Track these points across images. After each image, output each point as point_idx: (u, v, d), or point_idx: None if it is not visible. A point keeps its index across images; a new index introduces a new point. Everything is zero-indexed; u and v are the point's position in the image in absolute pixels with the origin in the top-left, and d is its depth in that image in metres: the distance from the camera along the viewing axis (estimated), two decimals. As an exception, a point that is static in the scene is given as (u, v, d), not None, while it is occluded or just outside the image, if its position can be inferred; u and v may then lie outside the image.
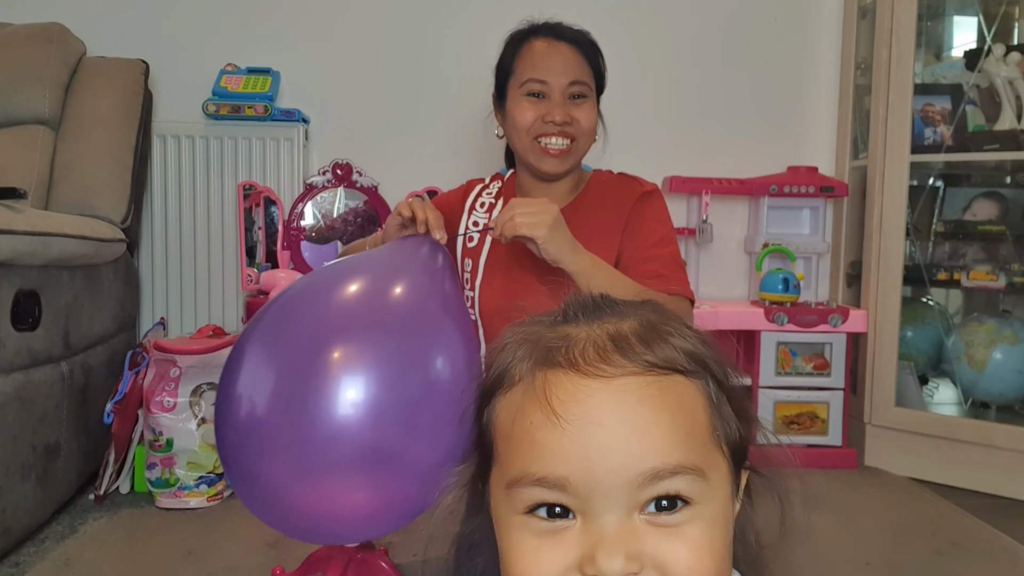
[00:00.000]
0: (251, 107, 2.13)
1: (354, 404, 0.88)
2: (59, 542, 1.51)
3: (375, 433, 0.89)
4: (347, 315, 0.95)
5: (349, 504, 0.91)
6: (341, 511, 0.92)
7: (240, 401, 0.94)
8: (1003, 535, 1.63)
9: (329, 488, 0.90)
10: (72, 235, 1.56)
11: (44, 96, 1.94)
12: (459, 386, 0.92)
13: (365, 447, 0.88)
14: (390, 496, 0.92)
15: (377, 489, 0.91)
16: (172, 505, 1.70)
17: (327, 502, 0.91)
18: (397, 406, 0.90)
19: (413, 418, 0.91)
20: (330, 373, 0.89)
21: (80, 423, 1.67)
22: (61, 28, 2.02)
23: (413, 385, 0.92)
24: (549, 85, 1.23)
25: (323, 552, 1.26)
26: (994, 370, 1.98)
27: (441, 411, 0.90)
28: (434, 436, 0.90)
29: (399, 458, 0.90)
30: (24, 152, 1.89)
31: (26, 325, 1.46)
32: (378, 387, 0.89)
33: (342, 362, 0.90)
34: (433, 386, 0.93)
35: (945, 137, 2.05)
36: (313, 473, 0.89)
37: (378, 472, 0.90)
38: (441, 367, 0.95)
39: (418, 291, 1.01)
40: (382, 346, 0.92)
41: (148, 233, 2.20)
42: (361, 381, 0.89)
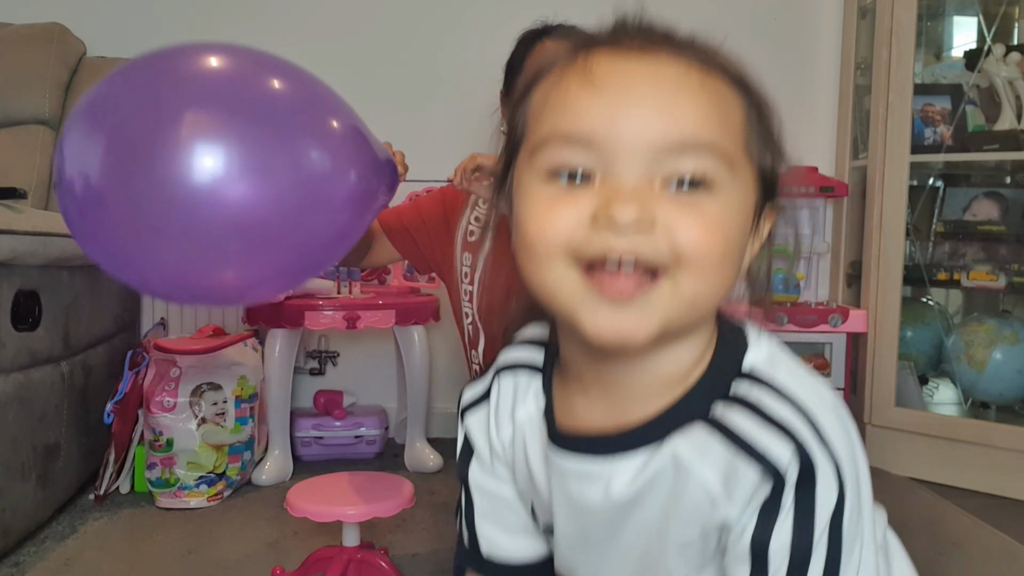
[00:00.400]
0: (251, 107, 2.13)
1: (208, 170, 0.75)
2: (59, 542, 1.52)
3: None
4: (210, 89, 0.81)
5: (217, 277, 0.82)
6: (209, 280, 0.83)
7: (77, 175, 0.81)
8: (1003, 535, 1.63)
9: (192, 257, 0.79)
10: (72, 235, 1.56)
11: (44, 96, 1.94)
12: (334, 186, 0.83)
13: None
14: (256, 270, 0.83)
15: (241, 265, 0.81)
16: (172, 505, 1.70)
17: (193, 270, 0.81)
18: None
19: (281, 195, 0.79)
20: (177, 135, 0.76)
21: (80, 423, 1.67)
22: (61, 28, 2.02)
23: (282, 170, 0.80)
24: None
25: (323, 552, 1.26)
26: (994, 370, 1.98)
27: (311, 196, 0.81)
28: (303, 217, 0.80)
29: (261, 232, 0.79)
30: (24, 152, 1.90)
31: (26, 325, 1.46)
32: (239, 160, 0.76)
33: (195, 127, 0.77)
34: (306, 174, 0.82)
35: (945, 137, 2.05)
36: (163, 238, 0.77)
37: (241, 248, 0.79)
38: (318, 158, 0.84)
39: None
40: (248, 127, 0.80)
41: (148, 233, 2.19)
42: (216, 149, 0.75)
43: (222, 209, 0.76)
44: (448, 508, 1.68)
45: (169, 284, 0.84)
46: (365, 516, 1.19)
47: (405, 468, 1.97)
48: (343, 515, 1.19)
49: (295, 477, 1.87)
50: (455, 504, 0.75)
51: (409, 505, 1.23)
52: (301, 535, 1.54)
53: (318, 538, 1.49)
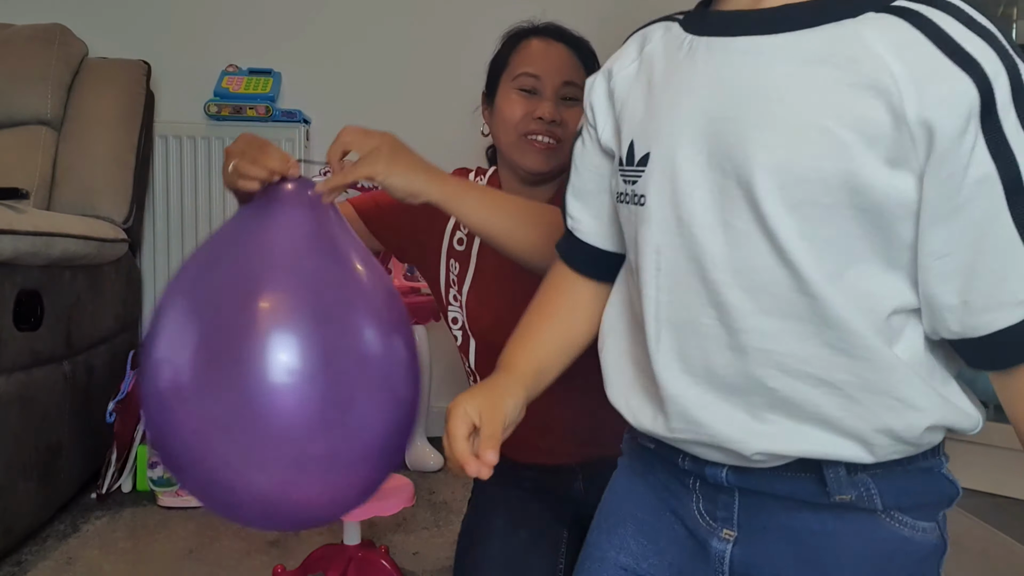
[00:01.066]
0: (252, 108, 2.14)
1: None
2: (61, 541, 1.52)
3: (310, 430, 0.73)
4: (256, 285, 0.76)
5: (295, 497, 0.78)
6: (288, 501, 0.78)
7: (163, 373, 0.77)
8: (1003, 535, 1.63)
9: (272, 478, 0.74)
10: (74, 235, 1.57)
11: (46, 97, 1.95)
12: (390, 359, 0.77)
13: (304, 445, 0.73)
14: (334, 489, 0.81)
15: (319, 483, 0.77)
16: (174, 504, 1.71)
17: (272, 491, 0.76)
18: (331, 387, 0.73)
19: (349, 398, 0.74)
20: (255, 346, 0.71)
21: (82, 422, 1.68)
22: (63, 29, 2.03)
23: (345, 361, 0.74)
24: (542, 81, 1.17)
25: (323, 551, 1.27)
26: (993, 370, 1.98)
27: (376, 383, 0.75)
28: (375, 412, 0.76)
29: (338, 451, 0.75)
30: (26, 153, 1.90)
31: (28, 325, 1.46)
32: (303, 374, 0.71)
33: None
34: (365, 359, 0.76)
35: (945, 137, 2.05)
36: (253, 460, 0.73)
37: (318, 467, 0.75)
38: (371, 337, 0.77)
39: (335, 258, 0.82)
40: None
41: (150, 233, 2.20)
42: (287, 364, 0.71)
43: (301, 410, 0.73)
44: (448, 507, 1.68)
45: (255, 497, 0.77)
46: (365, 515, 1.20)
47: (405, 467, 1.97)
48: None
49: (296, 476, 1.87)
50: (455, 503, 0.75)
51: (409, 504, 1.23)
52: (302, 534, 1.55)
53: (319, 537, 1.50)
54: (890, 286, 0.54)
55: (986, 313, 0.51)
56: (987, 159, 0.49)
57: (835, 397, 0.56)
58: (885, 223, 0.52)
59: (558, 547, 1.07)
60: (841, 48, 0.52)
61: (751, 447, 0.58)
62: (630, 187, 0.62)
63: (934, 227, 0.51)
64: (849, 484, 0.59)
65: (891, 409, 0.55)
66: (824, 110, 0.52)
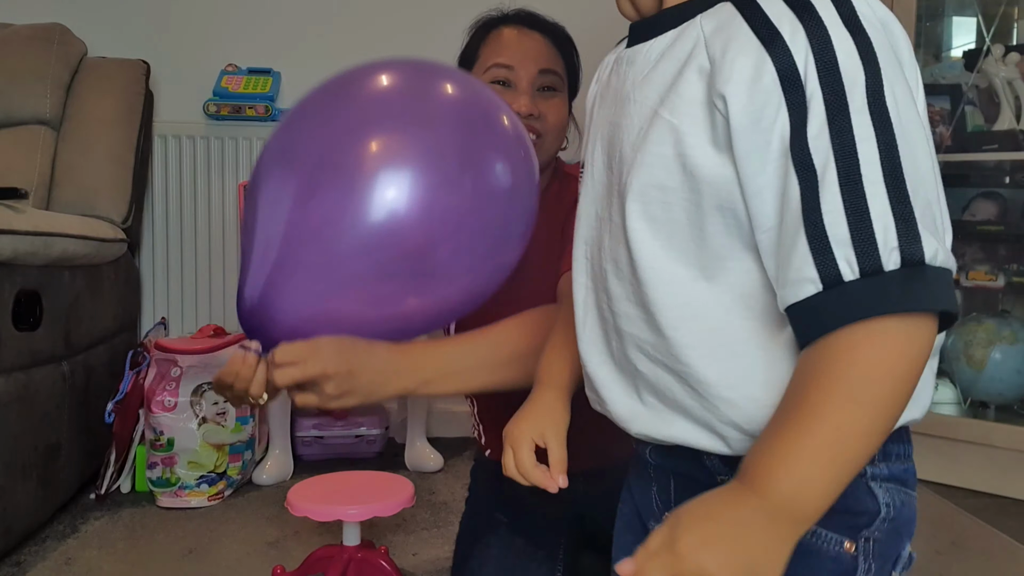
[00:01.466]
0: (252, 107, 2.14)
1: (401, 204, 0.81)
2: (60, 541, 1.52)
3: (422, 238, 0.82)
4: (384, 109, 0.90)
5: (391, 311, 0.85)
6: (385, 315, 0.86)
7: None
8: (1003, 535, 1.63)
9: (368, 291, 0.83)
10: (73, 235, 1.57)
11: (45, 96, 1.94)
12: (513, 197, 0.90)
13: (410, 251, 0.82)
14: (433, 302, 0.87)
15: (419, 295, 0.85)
16: (173, 504, 1.71)
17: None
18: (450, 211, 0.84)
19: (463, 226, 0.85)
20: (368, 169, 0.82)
21: (81, 423, 1.68)
22: (62, 28, 2.02)
23: (467, 187, 0.85)
24: (516, 72, 1.07)
25: (323, 552, 1.27)
26: (993, 370, 1.98)
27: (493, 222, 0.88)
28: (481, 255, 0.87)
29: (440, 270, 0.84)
30: (25, 152, 1.90)
31: (27, 325, 1.46)
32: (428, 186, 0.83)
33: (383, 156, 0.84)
34: (491, 193, 0.88)
35: (944, 137, 2.05)
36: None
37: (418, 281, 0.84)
38: (500, 171, 0.90)
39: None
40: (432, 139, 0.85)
41: (149, 233, 2.20)
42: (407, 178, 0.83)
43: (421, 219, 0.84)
44: (448, 507, 1.68)
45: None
46: (365, 515, 1.19)
47: (405, 468, 1.97)
48: (343, 514, 1.19)
49: (296, 477, 1.88)
50: (455, 504, 0.76)
51: (409, 505, 1.23)
52: (302, 534, 1.55)
53: (318, 537, 1.49)
54: (734, 270, 0.55)
55: (784, 287, 0.51)
56: (786, 132, 0.50)
57: (682, 385, 0.58)
58: (722, 204, 0.54)
59: (556, 551, 1.07)
60: (682, 42, 0.56)
61: (633, 427, 0.63)
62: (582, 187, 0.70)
63: (751, 202, 0.52)
64: (727, 467, 0.58)
65: (719, 400, 0.56)
66: (661, 101, 0.56)
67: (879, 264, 0.47)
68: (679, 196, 0.55)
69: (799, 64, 0.49)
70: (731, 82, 0.51)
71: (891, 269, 0.47)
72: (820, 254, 0.48)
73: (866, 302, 0.47)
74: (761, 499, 0.48)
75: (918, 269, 0.48)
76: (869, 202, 0.48)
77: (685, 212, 0.55)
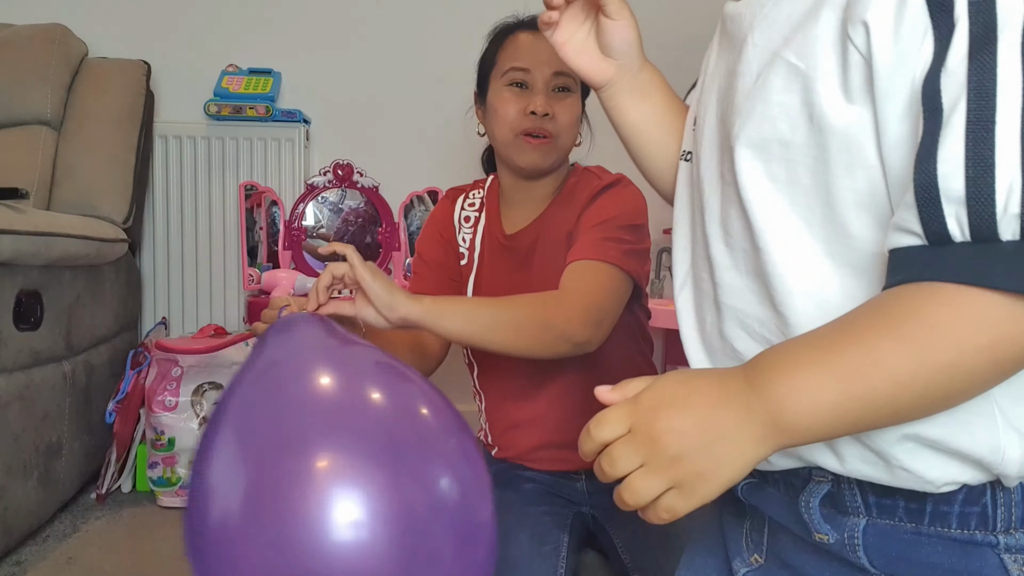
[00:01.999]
0: (252, 108, 2.14)
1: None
2: (61, 541, 1.52)
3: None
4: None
5: None
6: None
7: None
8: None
9: None
10: (74, 235, 1.57)
11: (46, 97, 1.95)
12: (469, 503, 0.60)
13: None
14: None
15: None
16: (174, 504, 1.71)
17: None
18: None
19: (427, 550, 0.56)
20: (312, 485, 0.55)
21: (82, 422, 1.68)
22: (63, 29, 2.03)
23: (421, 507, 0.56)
24: (532, 74, 1.16)
25: (324, 551, 1.26)
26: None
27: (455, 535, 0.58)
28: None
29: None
30: (26, 153, 1.90)
31: (28, 325, 1.46)
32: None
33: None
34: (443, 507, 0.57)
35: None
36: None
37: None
38: (447, 484, 0.58)
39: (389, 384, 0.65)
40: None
41: (150, 233, 2.20)
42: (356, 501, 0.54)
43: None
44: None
45: None
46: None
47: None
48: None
49: (296, 476, 1.87)
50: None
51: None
52: (302, 534, 1.55)
53: (319, 537, 1.50)
54: (864, 241, 0.47)
55: (890, 233, 0.44)
56: (928, 64, 0.43)
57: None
58: (851, 160, 0.46)
59: (559, 551, 1.07)
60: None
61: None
62: (692, 145, 0.63)
63: (888, 157, 0.45)
64: (827, 522, 0.50)
65: None
66: (786, 42, 0.49)
67: (994, 230, 0.39)
68: (804, 153, 0.48)
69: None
70: (872, 7, 0.43)
71: (1008, 239, 0.39)
72: (927, 207, 0.41)
73: (971, 270, 0.40)
74: (751, 388, 0.43)
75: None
76: (997, 155, 0.39)
77: (811, 172, 0.48)
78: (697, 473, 0.43)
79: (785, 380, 0.43)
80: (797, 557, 0.53)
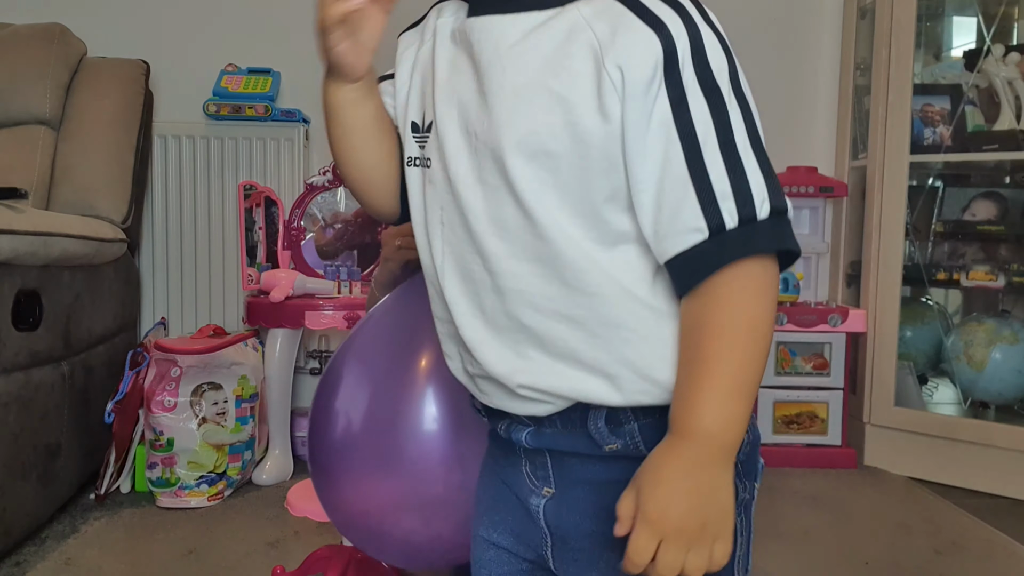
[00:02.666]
0: (252, 107, 2.14)
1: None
2: (60, 542, 1.52)
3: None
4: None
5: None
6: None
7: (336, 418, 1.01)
8: (1003, 535, 1.63)
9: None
10: (73, 235, 1.57)
11: (45, 96, 1.94)
12: None
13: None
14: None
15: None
16: (173, 504, 1.71)
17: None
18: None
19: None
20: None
21: (81, 423, 1.68)
22: (62, 28, 2.02)
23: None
24: None
25: (323, 552, 1.26)
26: (993, 370, 1.98)
27: None
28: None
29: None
30: (25, 152, 1.90)
31: (27, 325, 1.46)
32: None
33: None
34: None
35: (944, 137, 2.05)
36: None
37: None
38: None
39: None
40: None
41: (149, 233, 2.20)
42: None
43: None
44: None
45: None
46: (365, 515, 1.19)
47: (405, 468, 1.97)
48: (343, 515, 1.19)
49: (295, 477, 1.87)
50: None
51: (409, 505, 1.23)
52: (302, 535, 1.55)
53: (318, 538, 1.49)
54: (615, 224, 0.62)
55: (667, 239, 0.59)
56: (667, 106, 0.58)
57: (578, 331, 0.62)
58: (608, 166, 0.60)
59: None
60: (560, 21, 0.61)
61: (515, 380, 0.65)
62: (421, 151, 0.70)
63: (632, 165, 0.59)
64: (613, 434, 0.64)
65: (626, 341, 0.62)
66: (545, 71, 0.60)
67: (754, 213, 0.57)
68: (567, 161, 0.60)
69: (679, 49, 0.58)
70: (627, 55, 0.58)
71: (763, 218, 0.58)
72: (707, 206, 0.57)
73: (745, 244, 0.57)
74: (696, 444, 0.58)
75: (782, 217, 0.59)
76: (744, 163, 0.58)
77: (574, 176, 0.61)
78: (724, 516, 0.58)
79: (708, 421, 0.58)
80: (586, 471, 0.67)
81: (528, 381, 0.64)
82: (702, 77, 0.58)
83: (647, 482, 0.58)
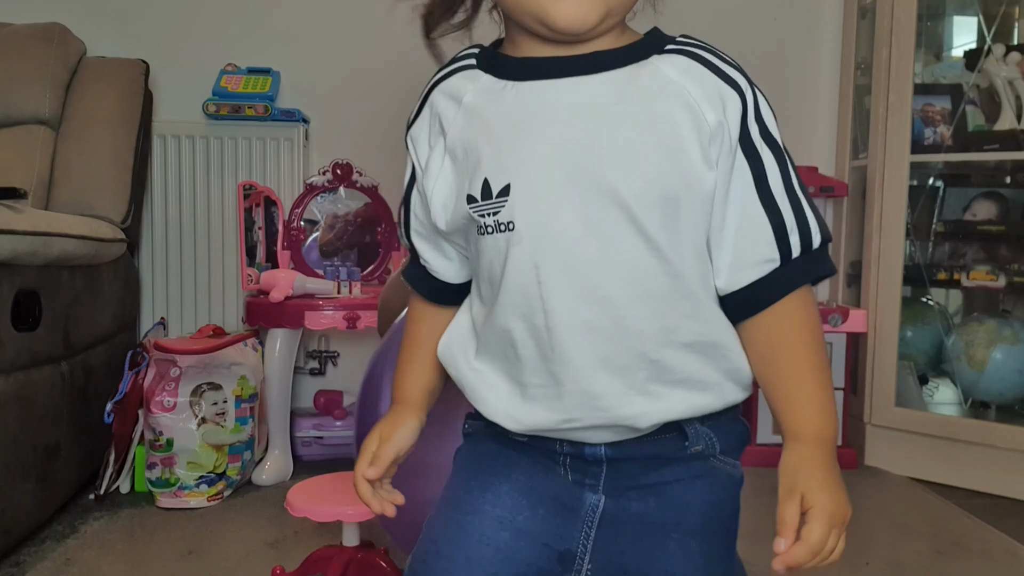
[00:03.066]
0: (251, 107, 2.13)
1: None
2: (59, 542, 1.52)
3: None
4: None
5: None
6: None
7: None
8: (1003, 535, 1.63)
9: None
10: (72, 235, 1.56)
11: (44, 96, 1.94)
12: None
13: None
14: None
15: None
16: (172, 505, 1.70)
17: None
18: None
19: None
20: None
21: (80, 423, 1.68)
22: (61, 28, 2.02)
23: None
24: None
25: (323, 552, 1.26)
26: (994, 370, 1.98)
27: None
28: None
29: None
30: (24, 152, 1.90)
31: (26, 325, 1.46)
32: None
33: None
34: None
35: (945, 137, 2.05)
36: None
37: None
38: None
39: None
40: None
41: (148, 233, 2.20)
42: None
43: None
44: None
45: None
46: (365, 516, 1.19)
47: (405, 468, 1.96)
48: (343, 515, 1.19)
49: (295, 477, 1.87)
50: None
51: (409, 505, 1.22)
52: (301, 535, 1.55)
53: (318, 538, 1.49)
54: (710, 259, 0.70)
55: (743, 271, 0.68)
56: (743, 155, 0.68)
57: (695, 355, 0.69)
58: (711, 208, 0.68)
59: None
60: (648, 81, 0.67)
61: (647, 420, 0.70)
62: (493, 218, 0.70)
63: (718, 205, 0.68)
64: (700, 436, 0.72)
65: (725, 357, 0.70)
66: (651, 126, 0.66)
67: (811, 243, 0.68)
68: (686, 206, 0.67)
69: (749, 105, 0.68)
70: (719, 111, 0.66)
71: (816, 246, 0.69)
72: (780, 240, 0.68)
73: (806, 270, 0.69)
74: (826, 447, 0.68)
75: (827, 244, 0.70)
76: (801, 201, 0.69)
77: (692, 218, 0.68)
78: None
79: (827, 425, 0.69)
80: (648, 476, 0.73)
81: (657, 417, 0.70)
82: (763, 129, 0.69)
83: (811, 487, 0.66)
